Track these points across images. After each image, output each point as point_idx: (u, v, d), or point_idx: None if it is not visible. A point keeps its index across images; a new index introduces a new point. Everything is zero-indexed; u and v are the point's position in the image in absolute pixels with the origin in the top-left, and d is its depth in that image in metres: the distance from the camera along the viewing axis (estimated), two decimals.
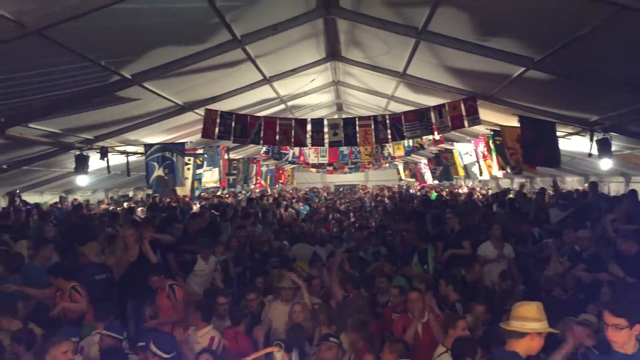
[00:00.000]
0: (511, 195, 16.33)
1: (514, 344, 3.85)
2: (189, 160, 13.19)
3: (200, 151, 15.39)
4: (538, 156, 10.26)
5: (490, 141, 13.82)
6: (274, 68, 11.16)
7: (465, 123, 10.19)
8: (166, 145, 12.01)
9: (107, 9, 5.57)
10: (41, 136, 9.96)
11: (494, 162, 14.20)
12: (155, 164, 11.40)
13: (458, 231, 9.77)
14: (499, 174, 15.14)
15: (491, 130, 13.23)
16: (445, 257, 9.16)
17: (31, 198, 15.70)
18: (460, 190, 24.02)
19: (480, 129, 13.46)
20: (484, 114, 11.01)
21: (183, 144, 12.26)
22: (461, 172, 19.46)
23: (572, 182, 18.27)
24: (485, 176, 16.65)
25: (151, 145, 11.77)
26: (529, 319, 3.85)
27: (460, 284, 7.76)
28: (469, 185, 26.71)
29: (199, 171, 14.90)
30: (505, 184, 23.31)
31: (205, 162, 15.49)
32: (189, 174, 12.98)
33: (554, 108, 10.35)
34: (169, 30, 7.30)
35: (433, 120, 10.38)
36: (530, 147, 10.14)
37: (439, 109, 10.34)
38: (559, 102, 10.03)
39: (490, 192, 22.34)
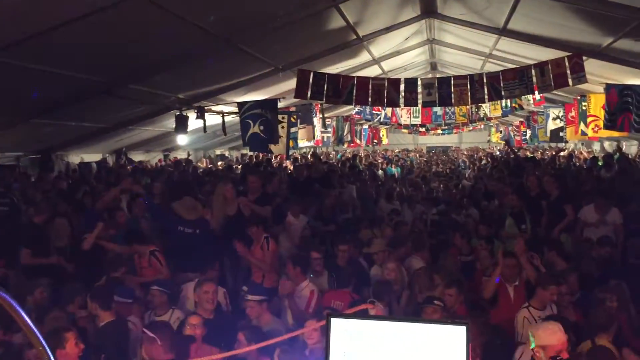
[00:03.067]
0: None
1: None
2: (283, 118, 13.18)
3: (294, 109, 15.23)
4: (623, 121, 9.94)
5: (581, 105, 13.53)
6: (368, 27, 10.98)
7: (570, 81, 9.61)
8: (260, 102, 11.99)
9: None
10: (143, 96, 10.46)
11: (579, 127, 14.15)
12: (250, 121, 11.50)
13: (558, 195, 9.35)
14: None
15: (580, 96, 12.97)
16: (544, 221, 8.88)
17: (136, 157, 16.64)
18: (562, 153, 22.90)
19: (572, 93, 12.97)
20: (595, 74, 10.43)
21: (275, 100, 12.12)
22: (546, 137, 18.75)
23: None
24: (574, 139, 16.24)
25: (245, 103, 11.85)
26: None
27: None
28: (570, 148, 25.42)
29: (293, 129, 14.56)
30: (610, 147, 21.96)
31: (299, 120, 15.37)
32: (283, 132, 12.92)
33: None
34: None
35: (534, 79, 9.86)
36: (614, 114, 9.96)
37: (540, 66, 9.78)
38: None
39: (591, 155, 21.22)
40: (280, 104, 12.44)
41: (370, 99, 10.52)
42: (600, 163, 14.80)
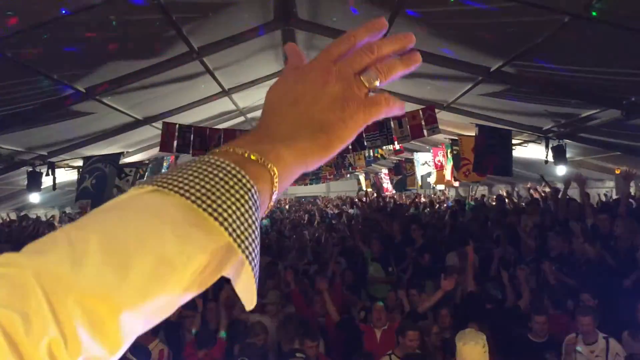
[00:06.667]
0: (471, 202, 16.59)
1: None
2: (130, 171, 12.39)
3: (147, 161, 14.22)
4: (489, 164, 10.42)
5: (448, 150, 13.90)
6: (233, 80, 11.03)
7: (425, 132, 10.28)
8: (104, 156, 11.34)
9: (60, 21, 5.42)
10: None
11: (448, 172, 14.28)
12: (87, 175, 10.90)
13: (422, 244, 9.79)
14: (455, 183, 15.38)
15: (450, 139, 13.42)
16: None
17: None
18: (420, 200, 24.15)
19: (441, 137, 13.62)
20: (446, 123, 11.17)
21: (119, 154, 11.54)
22: (418, 184, 19.45)
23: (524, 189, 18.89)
24: (440, 186, 16.77)
25: (90, 157, 11.21)
26: None
27: None
28: (428, 195, 26.88)
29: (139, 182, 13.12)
30: (465, 192, 23.56)
31: (148, 173, 13.86)
32: (126, 185, 12.00)
33: (510, 116, 10.57)
34: (124, 42, 7.14)
35: (393, 130, 10.43)
36: (482, 156, 10.33)
37: (398, 118, 10.39)
38: (515, 111, 10.22)
39: (449, 201, 22.59)
40: (136, 157, 11.90)
41: None
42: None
